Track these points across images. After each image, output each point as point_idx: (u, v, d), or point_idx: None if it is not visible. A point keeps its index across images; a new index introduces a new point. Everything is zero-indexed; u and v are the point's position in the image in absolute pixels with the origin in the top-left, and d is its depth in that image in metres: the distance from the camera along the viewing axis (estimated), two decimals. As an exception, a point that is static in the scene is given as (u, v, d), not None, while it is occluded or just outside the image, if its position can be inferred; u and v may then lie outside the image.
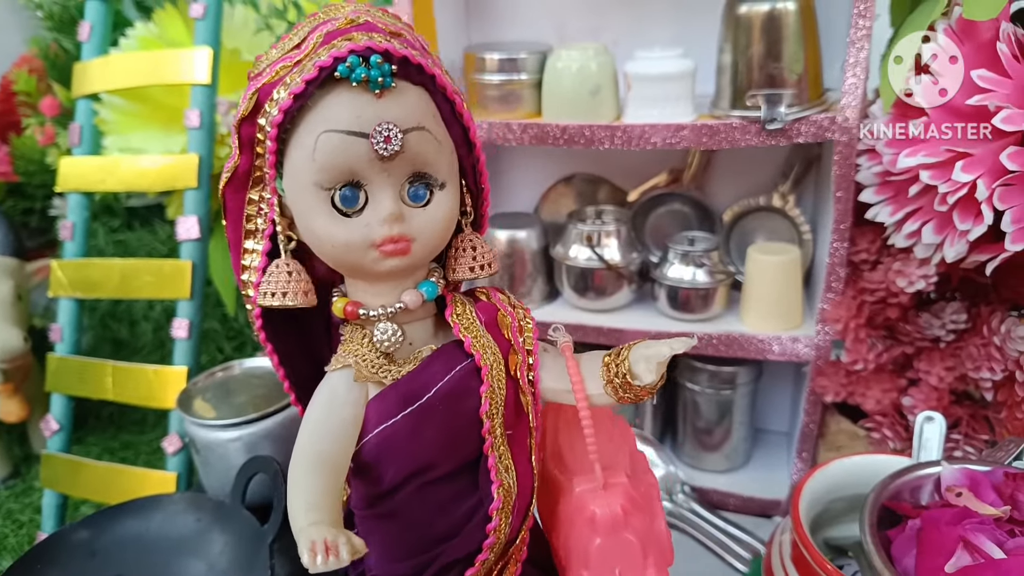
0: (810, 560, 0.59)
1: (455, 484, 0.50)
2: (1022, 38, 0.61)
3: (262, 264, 0.48)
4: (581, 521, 0.50)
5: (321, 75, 0.41)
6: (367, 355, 0.48)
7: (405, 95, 0.43)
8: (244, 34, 1.01)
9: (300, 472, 0.45)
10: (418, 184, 0.45)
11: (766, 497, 0.92)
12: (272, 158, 0.44)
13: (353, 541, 0.38)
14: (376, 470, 0.48)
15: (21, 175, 1.20)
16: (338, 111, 0.41)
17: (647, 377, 0.46)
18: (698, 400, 0.95)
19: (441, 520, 0.50)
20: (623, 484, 0.50)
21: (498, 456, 0.49)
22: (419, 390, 0.47)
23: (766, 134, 0.76)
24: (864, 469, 0.66)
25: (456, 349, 0.49)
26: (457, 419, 0.48)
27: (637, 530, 0.50)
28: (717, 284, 0.88)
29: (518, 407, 0.50)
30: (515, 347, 0.50)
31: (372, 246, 0.44)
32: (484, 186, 0.50)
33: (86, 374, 0.92)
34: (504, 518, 0.49)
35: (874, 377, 0.79)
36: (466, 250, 0.50)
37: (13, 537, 0.96)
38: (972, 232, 0.63)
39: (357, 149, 0.42)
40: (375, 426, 0.47)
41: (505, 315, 0.51)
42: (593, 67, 0.82)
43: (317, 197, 0.43)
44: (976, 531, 0.53)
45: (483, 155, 0.49)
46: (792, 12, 0.74)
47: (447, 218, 0.46)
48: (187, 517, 0.72)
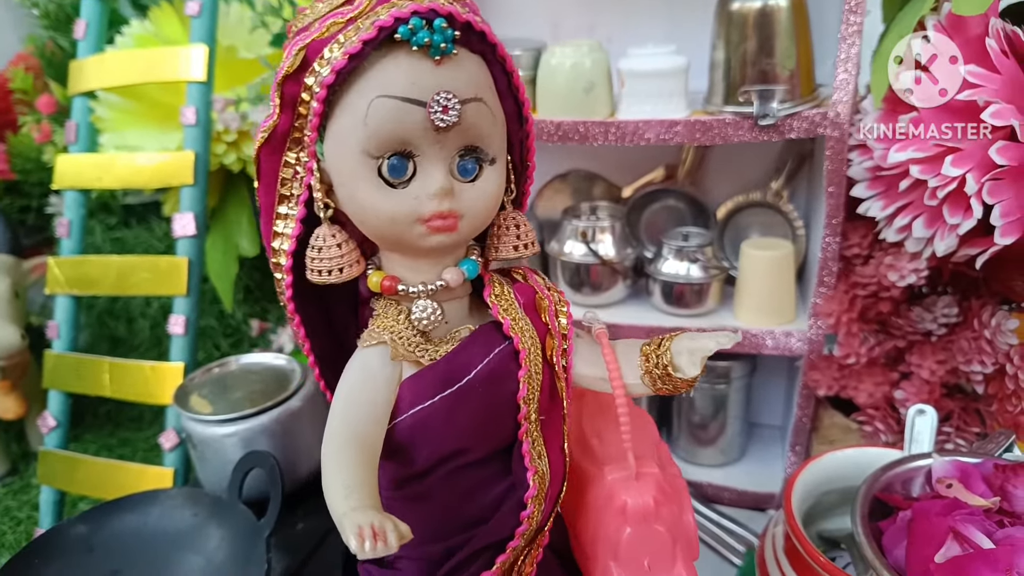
0: (803, 552, 0.59)
1: (487, 469, 0.49)
2: (1011, 34, 0.61)
3: (296, 231, 0.46)
4: (611, 510, 0.49)
5: (380, 36, 0.39)
6: (404, 332, 0.46)
7: (464, 63, 0.41)
8: (240, 31, 1.01)
9: (335, 451, 0.43)
10: (468, 158, 0.43)
11: (760, 490, 0.93)
12: (316, 120, 0.41)
13: (400, 527, 0.37)
14: (408, 452, 0.47)
15: (18, 173, 1.21)
16: (395, 75, 0.39)
17: (691, 370, 0.46)
18: (692, 395, 0.96)
19: (471, 504, 0.49)
20: (655, 474, 0.50)
21: (531, 442, 0.48)
22: (458, 372, 0.46)
23: (759, 130, 0.76)
24: (856, 462, 0.67)
25: (494, 331, 0.48)
26: (494, 403, 0.47)
27: (667, 521, 0.49)
28: (711, 279, 0.88)
29: (553, 392, 0.49)
30: (552, 331, 0.49)
31: (419, 221, 0.42)
32: (530, 163, 0.49)
33: (83, 371, 0.93)
34: (538, 505, 0.48)
35: (866, 371, 0.80)
36: (510, 228, 0.48)
37: (11, 534, 0.96)
38: (962, 226, 0.64)
39: (413, 117, 0.40)
40: (410, 407, 0.46)
41: (543, 298, 0.49)
42: (587, 64, 0.83)
43: (364, 165, 0.41)
44: (966, 522, 0.53)
45: (533, 131, 0.48)
46: (784, 8, 0.74)
47: (496, 195, 0.45)
48: (184, 512, 0.72)
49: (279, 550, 0.67)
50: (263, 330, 1.15)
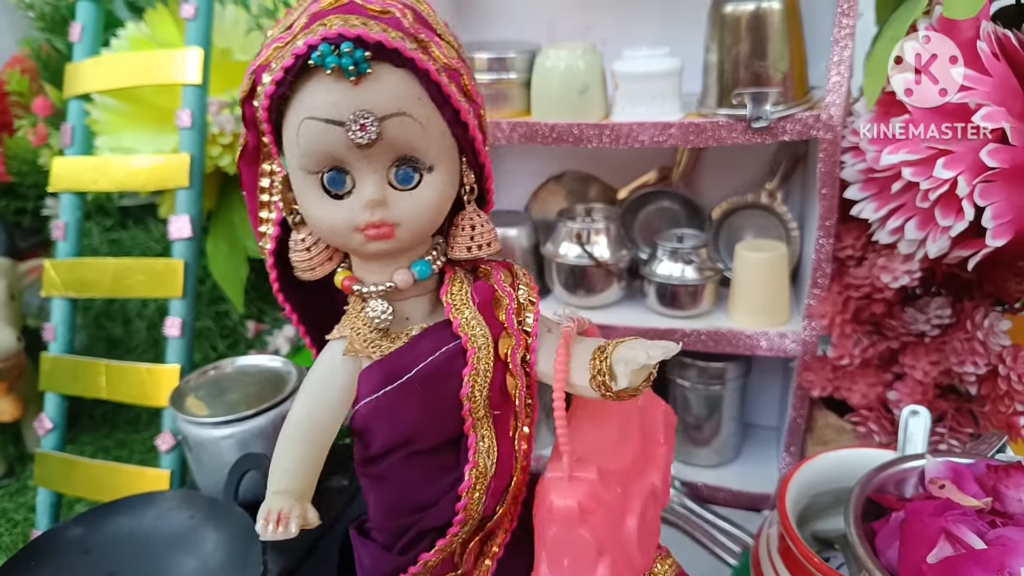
0: (797, 553, 0.59)
1: (439, 457, 0.51)
2: (1002, 37, 0.62)
3: (275, 233, 0.51)
4: (543, 507, 0.50)
5: (297, 63, 0.41)
6: (361, 329, 0.49)
7: (384, 80, 0.42)
8: (235, 34, 1.01)
9: (287, 436, 0.48)
10: (405, 167, 0.44)
11: (755, 491, 0.93)
12: (271, 137, 0.45)
13: (308, 515, 0.42)
14: (366, 437, 0.50)
15: (14, 175, 1.20)
16: (316, 98, 0.41)
17: (622, 381, 0.45)
18: (688, 395, 0.96)
19: (423, 489, 0.51)
20: (589, 480, 0.49)
21: (480, 436, 0.49)
22: (402, 368, 0.48)
23: (752, 132, 0.77)
24: (850, 463, 0.67)
25: (445, 329, 0.49)
26: (438, 398, 0.49)
27: (595, 528, 0.49)
28: (705, 281, 0.89)
29: (505, 389, 0.50)
30: (508, 330, 0.50)
31: (356, 230, 0.45)
32: (484, 163, 0.49)
33: (80, 373, 0.93)
34: (476, 497, 0.50)
35: (860, 372, 0.80)
36: (464, 229, 0.49)
37: (8, 536, 0.96)
38: (954, 228, 0.64)
39: (335, 137, 0.42)
40: (363, 397, 0.49)
41: (503, 295, 0.50)
42: (581, 66, 0.83)
43: (307, 179, 0.44)
44: (958, 522, 0.53)
45: (480, 133, 0.48)
46: (777, 11, 0.75)
47: (435, 201, 0.46)
48: (180, 514, 0.72)
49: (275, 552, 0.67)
50: (259, 332, 1.15)
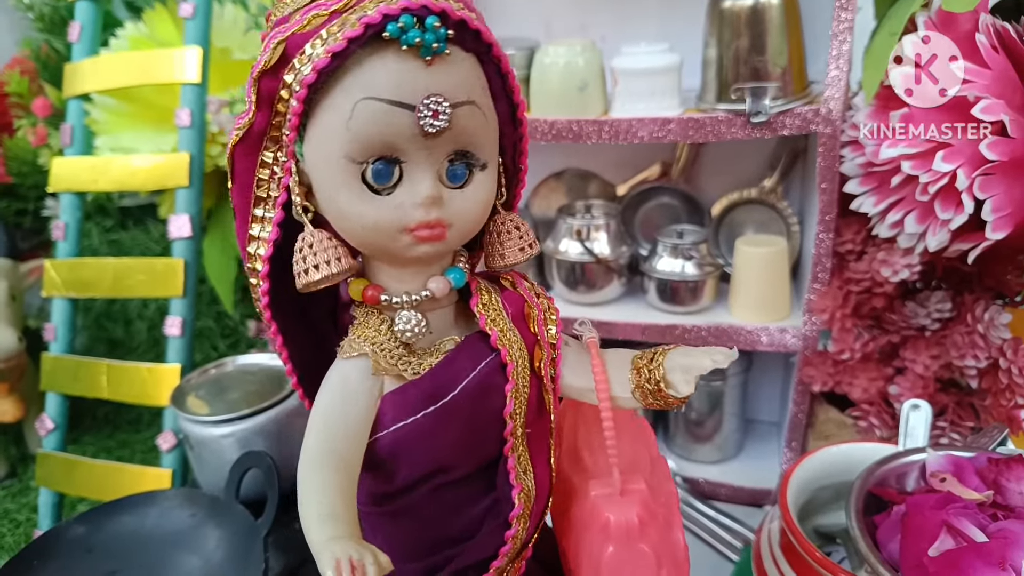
0: (798, 547, 0.59)
1: (470, 486, 0.47)
2: (1001, 30, 0.62)
3: (273, 235, 0.43)
4: (595, 527, 0.47)
5: (367, 33, 0.36)
6: (386, 344, 0.43)
7: (457, 64, 0.38)
8: (234, 33, 1.01)
9: (312, 472, 0.40)
10: (459, 163, 0.40)
11: (757, 486, 0.93)
12: (295, 120, 0.38)
13: (379, 558, 0.35)
14: (389, 467, 0.45)
15: (14, 176, 1.21)
16: (382, 76, 0.37)
17: (684, 389, 0.43)
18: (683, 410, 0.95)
19: (454, 522, 0.47)
20: (641, 491, 0.47)
21: (517, 457, 0.45)
22: (443, 387, 0.43)
23: (751, 127, 0.76)
24: (851, 457, 0.67)
25: (480, 342, 0.45)
26: (479, 419, 0.45)
27: (652, 541, 0.47)
28: (706, 276, 0.89)
29: (540, 405, 0.47)
30: (541, 342, 0.46)
31: (405, 230, 0.40)
32: (523, 165, 0.47)
33: (81, 373, 0.93)
34: (523, 524, 0.46)
35: (861, 366, 0.80)
36: (511, 232, 0.46)
37: (10, 536, 0.96)
38: (953, 221, 0.64)
39: (400, 122, 0.37)
40: (392, 422, 0.43)
41: (532, 307, 0.47)
42: (580, 63, 0.83)
43: (346, 170, 0.38)
44: (959, 515, 0.53)
45: (527, 133, 0.46)
46: (776, 6, 0.75)
47: (486, 201, 0.43)
48: (182, 513, 0.73)
49: (276, 550, 0.68)
50: (260, 331, 1.15)
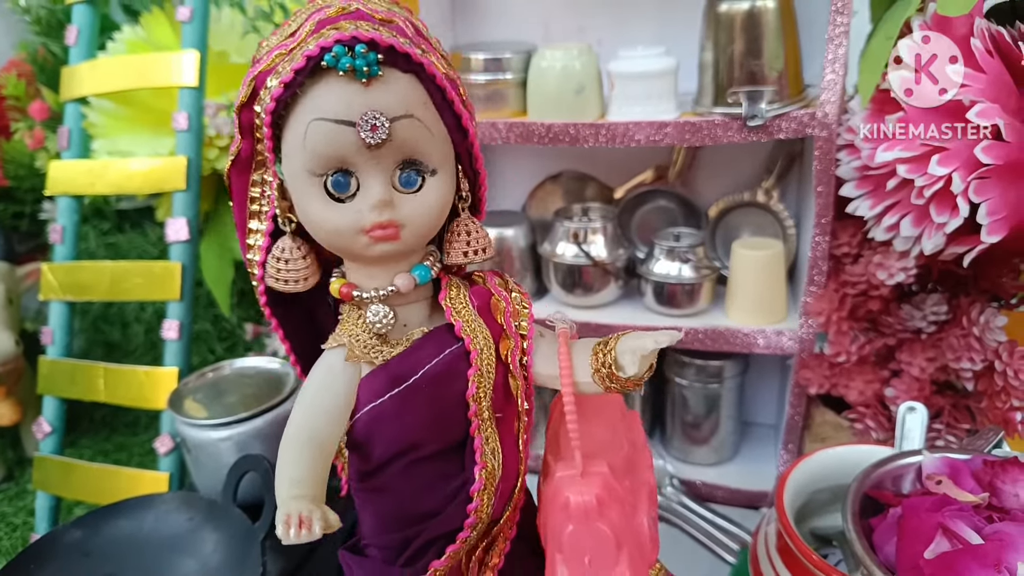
0: (795, 550, 0.59)
1: (442, 463, 0.51)
2: (995, 34, 0.62)
3: (265, 244, 0.50)
4: (557, 506, 0.50)
5: (309, 64, 0.41)
6: (360, 335, 0.49)
7: (393, 83, 0.43)
8: (231, 37, 1.02)
9: (290, 446, 0.46)
10: (409, 171, 0.45)
11: (754, 489, 0.93)
12: (270, 143, 0.45)
13: (328, 517, 0.41)
14: (366, 447, 0.50)
15: (11, 179, 1.20)
16: (326, 100, 0.42)
17: (631, 369, 0.47)
18: (686, 394, 0.96)
19: (427, 497, 0.51)
20: (603, 474, 0.50)
21: (484, 439, 0.50)
22: (407, 371, 0.49)
23: (747, 130, 0.77)
24: (847, 459, 0.67)
25: (447, 332, 0.50)
26: (443, 401, 0.49)
27: (612, 522, 0.49)
28: (702, 279, 0.89)
29: (507, 391, 0.51)
30: (507, 332, 0.51)
31: (362, 231, 0.45)
32: (479, 171, 0.51)
33: (78, 376, 0.93)
34: (486, 499, 0.50)
35: (857, 369, 0.80)
36: (460, 235, 0.50)
37: (7, 540, 0.96)
38: (949, 224, 0.64)
39: (345, 137, 0.43)
40: (365, 403, 0.49)
41: (499, 299, 0.52)
42: (577, 66, 0.83)
43: (310, 183, 0.44)
44: (955, 518, 0.53)
45: (477, 141, 0.50)
46: (772, 9, 0.75)
47: (438, 204, 0.47)
48: (179, 516, 0.73)
49: (274, 553, 0.68)
50: (257, 334, 1.15)
